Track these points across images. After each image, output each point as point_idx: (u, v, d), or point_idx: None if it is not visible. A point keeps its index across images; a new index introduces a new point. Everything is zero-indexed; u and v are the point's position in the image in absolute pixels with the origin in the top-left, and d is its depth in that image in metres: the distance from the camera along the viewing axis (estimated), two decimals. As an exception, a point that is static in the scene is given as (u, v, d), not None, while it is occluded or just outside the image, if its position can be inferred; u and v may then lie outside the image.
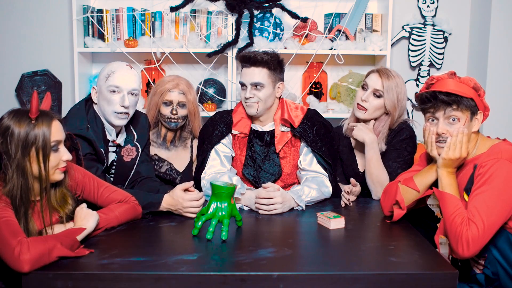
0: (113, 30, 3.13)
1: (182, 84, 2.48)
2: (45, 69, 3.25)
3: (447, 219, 1.67)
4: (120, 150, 2.29)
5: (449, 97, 1.73)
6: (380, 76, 2.32)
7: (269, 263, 1.54)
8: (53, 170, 1.64)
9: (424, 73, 3.38)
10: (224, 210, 1.77)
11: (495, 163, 1.66)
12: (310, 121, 2.35)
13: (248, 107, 2.29)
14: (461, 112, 1.74)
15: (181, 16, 3.14)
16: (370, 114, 2.34)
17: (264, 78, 2.25)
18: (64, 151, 1.66)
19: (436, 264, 1.55)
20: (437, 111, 1.77)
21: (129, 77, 2.16)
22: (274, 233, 1.90)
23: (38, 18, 3.27)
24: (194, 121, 2.56)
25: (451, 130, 1.75)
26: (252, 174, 2.37)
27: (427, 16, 3.33)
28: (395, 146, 2.32)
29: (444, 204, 1.70)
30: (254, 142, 2.37)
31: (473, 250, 1.59)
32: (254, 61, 2.24)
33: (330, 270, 1.51)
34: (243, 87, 2.29)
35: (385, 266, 1.55)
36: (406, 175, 2.00)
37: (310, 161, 2.33)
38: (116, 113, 2.15)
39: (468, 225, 1.60)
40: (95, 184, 1.89)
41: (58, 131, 1.64)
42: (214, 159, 2.35)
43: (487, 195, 1.62)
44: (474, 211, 1.61)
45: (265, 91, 2.26)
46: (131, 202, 1.93)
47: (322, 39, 3.09)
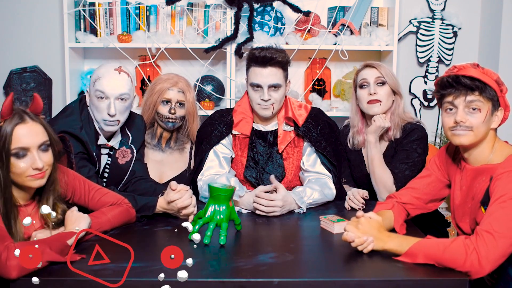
0: (106, 25, 3.13)
1: (182, 83, 2.48)
2: (34, 65, 3.25)
3: (441, 256, 1.55)
4: (115, 153, 2.30)
5: (472, 81, 1.71)
6: (372, 67, 2.39)
7: (270, 269, 1.54)
8: (22, 177, 1.61)
9: (432, 69, 3.38)
10: (222, 213, 1.78)
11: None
12: (314, 120, 2.36)
13: (264, 110, 2.29)
14: (483, 102, 1.71)
15: (177, 9, 3.14)
16: (385, 104, 2.35)
17: (281, 78, 2.26)
18: (34, 159, 1.61)
19: (445, 270, 1.54)
20: (457, 97, 1.73)
21: (115, 83, 2.17)
22: (274, 237, 1.90)
23: (27, 12, 3.27)
24: (193, 124, 2.54)
25: (472, 120, 1.72)
26: (255, 176, 2.37)
27: (436, 10, 3.33)
28: (405, 147, 2.33)
29: (422, 254, 1.57)
30: (257, 143, 2.37)
31: (492, 259, 1.53)
32: (273, 62, 2.22)
33: (333, 276, 1.52)
34: (257, 88, 2.27)
35: (391, 272, 1.55)
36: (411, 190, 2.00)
37: (313, 161, 2.33)
38: (104, 120, 2.17)
39: (481, 236, 1.56)
40: (86, 186, 1.89)
41: (25, 136, 1.59)
42: (213, 160, 2.35)
43: (506, 211, 1.58)
44: (493, 222, 1.57)
45: (281, 92, 2.28)
46: (124, 205, 1.93)
47: (326, 34, 3.09)
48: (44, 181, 1.67)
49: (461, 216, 1.87)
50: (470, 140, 1.75)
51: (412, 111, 3.43)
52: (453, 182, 1.92)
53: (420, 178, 2.02)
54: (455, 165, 1.92)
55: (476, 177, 1.79)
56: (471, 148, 1.79)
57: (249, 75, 2.30)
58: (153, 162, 2.51)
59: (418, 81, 3.41)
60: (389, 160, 2.34)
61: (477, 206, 1.74)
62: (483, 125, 1.73)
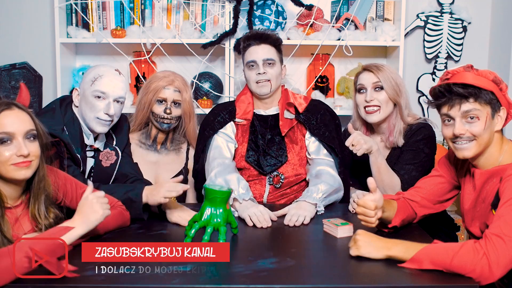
0: (99, 19, 3.13)
1: (178, 81, 2.48)
2: (24, 61, 3.25)
3: (450, 263, 1.54)
4: (98, 155, 2.30)
5: (465, 89, 1.69)
6: (369, 71, 2.38)
7: (271, 275, 1.54)
8: (5, 165, 1.60)
9: (441, 66, 3.38)
10: (219, 216, 1.78)
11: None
12: (314, 108, 2.43)
13: (261, 87, 2.37)
14: (480, 108, 1.69)
15: (173, 3, 3.14)
16: (384, 111, 2.34)
17: (275, 55, 2.40)
18: (20, 146, 1.60)
19: (453, 276, 1.54)
20: (452, 108, 1.71)
21: (117, 84, 2.19)
22: (275, 241, 1.90)
23: (16, 5, 3.26)
24: (189, 124, 2.54)
25: (472, 129, 1.71)
26: (256, 159, 2.39)
27: (444, 4, 3.33)
28: (411, 147, 2.32)
29: (428, 260, 1.57)
30: (258, 127, 2.42)
31: (502, 264, 1.52)
32: (265, 37, 2.38)
33: (337, 282, 1.51)
34: (252, 65, 2.37)
35: (397, 278, 1.54)
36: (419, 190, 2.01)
37: (317, 148, 2.38)
38: (99, 119, 2.17)
39: (491, 240, 1.55)
40: (77, 189, 1.88)
41: (10, 122, 1.60)
42: (217, 147, 2.38)
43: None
44: (503, 225, 1.56)
45: (276, 69, 2.39)
46: (118, 207, 1.93)
47: (329, 28, 3.09)
48: (30, 172, 1.65)
49: (471, 220, 1.87)
50: (474, 151, 1.74)
51: (419, 109, 3.43)
52: (462, 185, 1.92)
53: (428, 177, 2.03)
54: (463, 169, 1.92)
55: (487, 180, 1.78)
56: (478, 156, 1.78)
57: (245, 57, 2.42)
58: (147, 163, 2.51)
59: (426, 78, 3.41)
60: (392, 165, 2.33)
61: (488, 209, 1.74)
62: (485, 131, 1.72)
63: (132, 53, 3.22)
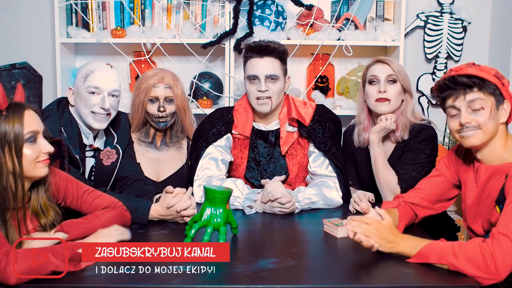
0: (99, 19, 3.13)
1: (168, 78, 2.46)
2: (24, 61, 3.25)
3: (456, 259, 1.54)
4: (99, 154, 2.29)
5: (470, 78, 1.72)
6: (384, 63, 2.39)
7: (271, 275, 1.54)
8: (32, 164, 1.63)
9: (441, 66, 3.38)
10: (219, 216, 1.77)
11: None
12: (320, 117, 2.37)
13: (261, 105, 2.29)
14: (484, 98, 1.72)
15: (173, 3, 3.14)
16: (394, 104, 2.34)
17: (279, 70, 2.28)
18: (44, 143, 1.65)
19: (456, 275, 1.54)
20: (457, 98, 1.74)
21: (109, 77, 2.19)
22: (275, 242, 1.90)
23: (16, 5, 3.26)
24: (185, 118, 2.53)
25: (477, 118, 1.73)
26: (256, 177, 2.37)
27: (444, 4, 3.33)
28: (412, 148, 2.32)
29: (435, 255, 1.57)
30: (258, 143, 2.37)
31: (509, 264, 1.52)
32: (270, 51, 2.24)
33: (338, 283, 1.51)
34: (254, 80, 2.28)
35: (399, 278, 1.54)
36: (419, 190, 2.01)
37: (321, 163, 2.33)
38: (94, 113, 2.16)
39: (497, 239, 1.55)
40: (78, 189, 1.88)
41: (33, 121, 1.63)
42: (208, 161, 2.34)
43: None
44: (510, 224, 1.56)
45: (279, 84, 2.28)
46: (119, 208, 1.93)
47: (329, 28, 3.09)
48: (48, 169, 1.69)
49: (473, 217, 1.87)
50: (480, 139, 1.75)
51: (419, 109, 3.43)
52: (464, 182, 1.92)
53: (428, 178, 2.03)
54: (466, 165, 1.92)
55: (491, 176, 1.79)
56: (483, 147, 1.79)
57: (246, 69, 2.32)
58: (149, 160, 2.51)
59: (426, 78, 3.41)
60: (396, 161, 2.34)
61: (492, 205, 1.74)
62: (490, 121, 1.74)
63: (132, 53, 3.22)
